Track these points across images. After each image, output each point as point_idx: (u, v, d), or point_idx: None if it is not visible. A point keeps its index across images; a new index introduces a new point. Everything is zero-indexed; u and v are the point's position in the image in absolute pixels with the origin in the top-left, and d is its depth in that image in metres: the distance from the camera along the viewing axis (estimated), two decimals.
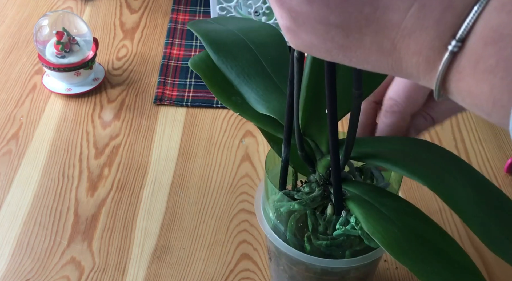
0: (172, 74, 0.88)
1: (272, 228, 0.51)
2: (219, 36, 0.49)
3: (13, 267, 0.63)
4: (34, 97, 0.84)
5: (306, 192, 0.48)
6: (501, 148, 0.78)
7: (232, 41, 0.49)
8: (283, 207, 0.47)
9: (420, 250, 0.39)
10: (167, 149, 0.77)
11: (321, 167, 0.47)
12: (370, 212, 0.42)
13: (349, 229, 0.45)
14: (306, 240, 0.48)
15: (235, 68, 0.47)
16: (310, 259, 0.48)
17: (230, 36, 0.49)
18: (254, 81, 0.47)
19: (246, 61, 0.48)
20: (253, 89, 0.47)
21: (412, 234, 0.41)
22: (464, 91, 0.28)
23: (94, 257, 0.64)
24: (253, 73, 0.48)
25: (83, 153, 0.76)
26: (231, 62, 0.47)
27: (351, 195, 0.45)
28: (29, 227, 0.67)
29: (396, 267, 0.64)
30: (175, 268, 0.64)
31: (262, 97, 0.46)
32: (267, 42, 0.50)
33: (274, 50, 0.50)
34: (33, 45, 0.93)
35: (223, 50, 0.47)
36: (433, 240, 0.41)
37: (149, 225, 0.68)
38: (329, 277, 0.52)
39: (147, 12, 1.02)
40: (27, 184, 0.72)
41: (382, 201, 0.44)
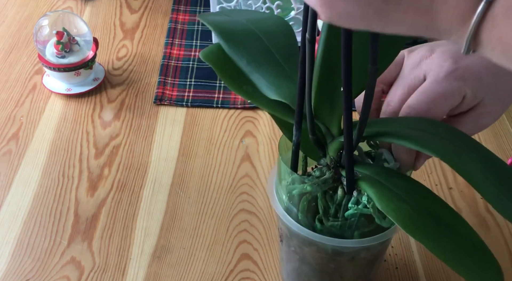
0: (172, 74, 0.88)
1: (284, 210, 0.52)
2: (229, 26, 0.50)
3: (13, 267, 0.63)
4: (34, 97, 0.84)
5: (317, 176, 0.49)
6: (501, 148, 0.78)
7: (242, 31, 0.50)
8: (295, 190, 0.49)
9: (433, 227, 0.41)
10: (167, 149, 0.77)
11: (332, 150, 0.49)
12: (383, 191, 0.44)
13: (361, 208, 0.46)
14: (317, 221, 0.49)
15: (246, 57, 0.48)
16: (322, 239, 0.49)
17: (240, 26, 0.51)
18: (265, 69, 0.48)
19: (256, 49, 0.49)
20: (264, 76, 0.48)
21: (424, 212, 0.42)
22: (495, 39, 0.31)
23: (94, 257, 0.64)
24: (264, 61, 0.49)
25: (83, 153, 0.76)
26: (242, 50, 0.48)
27: (363, 176, 0.46)
28: (29, 227, 0.67)
29: (396, 267, 0.64)
30: (175, 268, 0.64)
31: (273, 84, 0.48)
32: (276, 31, 0.52)
33: (283, 39, 0.51)
34: (33, 45, 0.93)
35: (233, 40, 0.49)
36: (444, 218, 0.42)
37: (149, 225, 0.68)
38: (340, 258, 0.53)
39: (147, 12, 1.02)
40: (27, 184, 0.72)
41: (393, 181, 0.45)
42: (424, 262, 0.65)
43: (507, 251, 0.66)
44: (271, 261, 0.64)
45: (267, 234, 0.67)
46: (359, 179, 0.46)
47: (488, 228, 0.68)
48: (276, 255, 0.65)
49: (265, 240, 0.66)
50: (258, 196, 0.71)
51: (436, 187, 0.73)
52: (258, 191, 0.72)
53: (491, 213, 0.70)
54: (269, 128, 0.80)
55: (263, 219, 0.69)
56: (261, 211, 0.69)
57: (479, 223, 0.69)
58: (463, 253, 0.41)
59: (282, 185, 0.52)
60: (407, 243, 0.67)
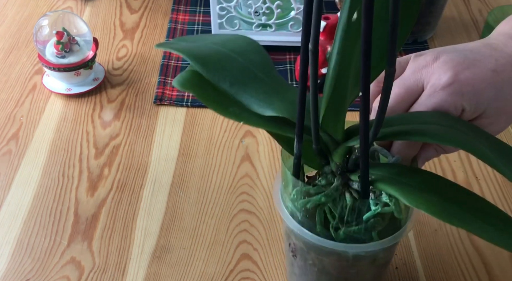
0: (172, 74, 0.88)
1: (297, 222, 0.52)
2: (201, 51, 0.48)
3: (13, 267, 0.63)
4: (34, 97, 0.84)
5: (323, 185, 0.49)
6: None
7: (215, 53, 0.49)
8: (309, 203, 0.49)
9: (463, 211, 0.43)
10: (167, 149, 0.77)
11: (337, 156, 0.49)
12: (404, 187, 0.44)
13: (383, 208, 0.47)
14: (333, 230, 0.49)
15: (228, 78, 0.47)
16: (346, 247, 0.49)
17: (210, 49, 0.49)
18: (251, 87, 0.47)
19: (235, 69, 0.48)
20: (252, 95, 0.47)
21: (449, 199, 0.44)
22: None
23: (94, 257, 0.65)
24: (247, 79, 0.48)
25: (83, 153, 0.76)
26: (222, 72, 0.47)
27: (376, 177, 0.47)
28: (29, 227, 0.67)
29: (396, 267, 0.64)
30: (175, 268, 0.64)
31: (263, 101, 0.47)
32: (247, 49, 0.50)
33: (257, 56, 0.50)
34: (33, 45, 0.93)
35: (210, 63, 0.47)
36: (468, 202, 0.44)
37: (149, 225, 0.68)
38: (361, 262, 0.53)
39: (147, 12, 1.02)
40: (27, 184, 0.72)
41: (408, 177, 0.46)
42: (424, 262, 0.65)
43: (508, 252, 0.66)
44: (271, 261, 0.64)
45: (267, 234, 0.67)
46: (374, 180, 0.47)
47: None
48: (276, 255, 0.65)
49: (265, 240, 0.66)
50: (258, 196, 0.71)
51: None
52: (258, 191, 0.72)
53: None
54: None
55: (263, 219, 0.69)
56: (261, 211, 0.70)
57: None
58: (495, 229, 0.42)
59: (289, 198, 0.51)
60: (407, 243, 0.67)
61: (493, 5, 1.05)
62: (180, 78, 0.48)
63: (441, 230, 0.68)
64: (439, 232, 0.68)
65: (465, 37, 0.98)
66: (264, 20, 0.88)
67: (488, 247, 0.66)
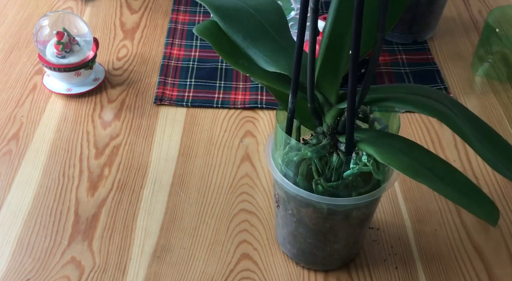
0: (172, 74, 0.88)
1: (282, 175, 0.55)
2: (222, 3, 0.52)
3: (13, 267, 0.64)
4: (35, 97, 0.84)
5: (314, 144, 0.53)
6: None
7: (235, 8, 0.52)
8: (297, 156, 0.52)
9: (432, 172, 0.46)
10: (167, 149, 0.77)
11: (329, 117, 0.52)
12: (382, 148, 0.48)
13: (361, 167, 0.50)
14: (314, 184, 0.52)
15: (242, 32, 0.50)
16: (320, 199, 0.53)
17: (233, 3, 0.53)
18: (261, 43, 0.51)
19: (251, 25, 0.51)
20: (261, 50, 0.50)
21: (422, 161, 0.47)
22: None
23: (94, 257, 0.65)
24: (259, 36, 0.51)
25: (84, 153, 0.76)
26: (237, 26, 0.50)
27: (361, 138, 0.50)
28: (30, 227, 0.68)
29: (396, 267, 0.64)
30: (175, 268, 0.64)
31: (270, 57, 0.50)
32: (267, 8, 0.54)
33: (274, 16, 0.53)
34: (33, 45, 0.94)
35: (228, 16, 0.50)
36: (438, 166, 0.48)
37: (149, 225, 0.68)
38: (335, 217, 0.56)
39: (147, 12, 1.02)
40: (28, 184, 0.72)
41: (389, 141, 0.50)
42: (424, 262, 0.65)
43: (507, 251, 0.66)
44: (271, 261, 0.65)
45: (267, 234, 0.67)
46: (358, 141, 0.50)
47: (488, 228, 0.68)
48: (276, 255, 0.65)
49: (265, 240, 0.67)
50: (258, 196, 0.71)
51: None
52: (258, 191, 0.72)
53: None
54: (269, 128, 0.80)
55: (263, 219, 0.69)
56: (261, 211, 0.70)
57: (479, 223, 0.69)
58: (458, 192, 0.46)
59: (279, 152, 0.55)
60: (407, 243, 0.67)
61: (493, 5, 1.05)
62: (200, 26, 0.51)
63: (441, 230, 0.68)
64: (439, 232, 0.68)
65: (465, 37, 0.98)
66: None
67: (488, 247, 0.66)
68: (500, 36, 0.86)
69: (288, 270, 0.64)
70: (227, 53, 0.50)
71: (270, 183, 0.73)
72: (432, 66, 0.91)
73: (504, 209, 0.70)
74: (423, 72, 0.90)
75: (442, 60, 0.93)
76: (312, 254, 0.62)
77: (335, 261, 0.63)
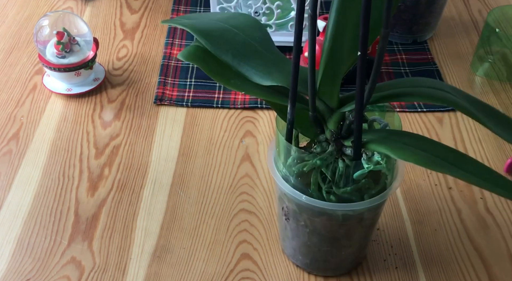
0: (172, 74, 0.88)
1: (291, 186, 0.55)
2: (205, 26, 0.52)
3: (13, 267, 0.64)
4: (35, 97, 0.84)
5: (318, 152, 0.53)
6: (501, 148, 0.78)
7: (219, 29, 0.52)
8: (306, 166, 0.52)
9: (447, 161, 0.48)
10: (167, 149, 0.77)
11: (332, 123, 0.52)
12: (394, 145, 0.49)
13: (375, 165, 0.51)
14: (325, 193, 0.53)
15: (231, 51, 0.50)
16: (337, 206, 0.53)
17: (215, 25, 0.53)
18: (251, 59, 0.51)
19: (238, 43, 0.51)
20: (252, 66, 0.50)
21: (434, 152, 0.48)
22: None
23: (94, 257, 0.65)
24: (248, 52, 0.51)
25: (84, 153, 0.76)
26: (225, 46, 0.51)
27: (368, 139, 0.50)
28: (30, 227, 0.68)
29: (396, 267, 0.64)
30: (175, 268, 0.64)
31: (263, 72, 0.50)
32: (248, 26, 0.54)
33: (258, 32, 0.54)
34: (33, 45, 0.94)
35: (214, 37, 0.51)
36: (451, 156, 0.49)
37: (149, 225, 0.68)
38: (349, 222, 0.57)
39: (147, 12, 1.02)
40: (28, 184, 0.72)
41: (397, 137, 0.50)
42: (424, 262, 0.65)
43: (507, 251, 0.66)
44: (271, 261, 0.65)
45: (267, 234, 0.67)
46: (365, 143, 0.50)
47: (488, 228, 0.68)
48: (276, 254, 0.65)
49: (265, 240, 0.67)
50: (258, 196, 0.71)
51: (436, 187, 0.73)
52: (258, 191, 0.72)
53: (491, 213, 0.70)
54: (269, 128, 0.80)
55: (263, 219, 0.69)
56: (261, 211, 0.70)
57: (479, 223, 0.69)
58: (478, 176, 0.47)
59: (283, 164, 0.55)
60: (407, 242, 0.67)
61: (493, 5, 1.05)
62: (185, 52, 0.51)
63: (441, 230, 0.68)
64: (439, 232, 0.68)
65: (465, 37, 0.98)
66: (264, 20, 0.88)
67: (488, 247, 0.66)
68: (500, 36, 0.86)
69: (288, 270, 0.64)
70: (218, 74, 0.50)
71: (270, 183, 0.73)
72: (432, 66, 0.91)
73: (504, 209, 0.71)
74: (423, 72, 0.90)
75: (442, 60, 0.93)
76: (326, 261, 0.61)
77: (348, 265, 0.63)
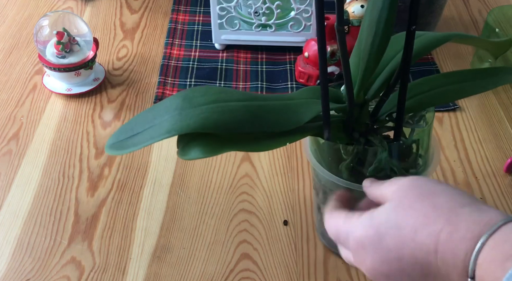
0: (172, 74, 0.88)
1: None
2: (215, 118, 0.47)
3: (13, 267, 0.64)
4: (35, 97, 0.84)
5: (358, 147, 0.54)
6: (501, 148, 0.78)
7: (214, 113, 0.47)
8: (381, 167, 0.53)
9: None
10: (167, 149, 0.77)
11: (363, 116, 0.54)
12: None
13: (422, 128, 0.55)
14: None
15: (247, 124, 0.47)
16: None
17: (200, 113, 0.47)
18: (268, 116, 0.49)
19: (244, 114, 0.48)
20: (273, 121, 0.49)
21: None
22: None
23: (94, 257, 0.65)
24: (260, 113, 0.49)
25: (83, 153, 0.76)
26: (240, 124, 0.47)
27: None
28: (30, 227, 0.68)
29: None
30: (175, 268, 0.64)
31: (290, 116, 0.49)
32: (219, 93, 0.50)
33: (235, 94, 0.51)
34: (33, 45, 0.94)
35: (222, 125, 0.46)
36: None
37: (149, 225, 0.68)
38: None
39: (147, 12, 1.02)
40: (28, 184, 0.72)
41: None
42: None
43: None
44: (271, 261, 0.65)
45: (267, 234, 0.67)
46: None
47: None
48: (276, 254, 0.65)
49: (265, 240, 0.67)
50: (258, 196, 0.71)
51: None
52: (258, 191, 0.72)
53: None
54: None
55: (263, 219, 0.69)
56: (261, 211, 0.70)
57: None
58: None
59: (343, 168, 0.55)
60: None
61: (493, 5, 1.05)
62: (198, 152, 0.46)
63: None
64: None
65: None
66: (264, 20, 0.88)
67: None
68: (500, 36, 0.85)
69: (288, 270, 0.64)
70: (249, 146, 0.49)
71: (270, 183, 0.73)
72: (432, 66, 0.91)
73: (504, 209, 0.70)
74: (423, 72, 0.90)
75: (442, 60, 0.93)
76: None
77: None
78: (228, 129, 0.46)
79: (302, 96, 0.53)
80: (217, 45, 0.93)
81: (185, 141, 0.47)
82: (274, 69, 0.90)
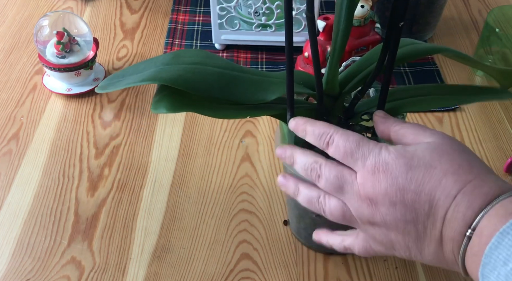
0: None
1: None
2: (168, 74, 0.48)
3: (13, 267, 0.64)
4: (35, 97, 0.84)
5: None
6: (501, 148, 0.78)
7: (186, 72, 0.49)
8: None
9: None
10: (167, 149, 0.77)
11: (337, 109, 0.54)
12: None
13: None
14: None
15: (216, 86, 0.49)
16: None
17: (175, 70, 0.49)
18: (239, 86, 0.50)
19: (215, 78, 0.49)
20: (244, 91, 0.50)
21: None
22: (474, 274, 0.40)
23: (94, 257, 0.65)
24: (230, 82, 0.50)
25: (84, 153, 0.76)
26: (206, 85, 0.48)
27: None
28: (30, 227, 0.68)
29: (396, 267, 0.64)
30: (175, 268, 0.64)
31: (258, 91, 0.50)
32: (205, 57, 0.52)
33: (218, 60, 0.52)
34: (33, 45, 0.94)
35: (190, 82, 0.48)
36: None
37: (149, 225, 0.68)
38: None
39: (147, 12, 1.02)
40: (28, 184, 0.72)
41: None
42: None
43: None
44: (271, 261, 0.65)
45: (267, 234, 0.67)
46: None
47: None
48: (276, 254, 0.65)
49: (265, 240, 0.67)
50: (258, 196, 0.71)
51: None
52: (258, 191, 0.72)
53: None
54: (269, 128, 0.80)
55: (263, 219, 0.69)
56: (261, 211, 0.70)
57: None
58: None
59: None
60: None
61: (493, 5, 1.05)
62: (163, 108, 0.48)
63: None
64: None
65: (465, 37, 0.98)
66: (264, 20, 0.88)
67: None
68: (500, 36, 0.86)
69: (288, 270, 0.64)
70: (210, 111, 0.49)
71: (270, 183, 0.73)
72: (432, 66, 0.91)
73: None
74: (423, 72, 0.90)
75: (442, 60, 0.93)
76: None
77: None
78: (195, 90, 0.48)
79: (281, 76, 0.52)
80: (217, 45, 0.93)
81: (158, 97, 0.49)
82: (274, 69, 0.90)
